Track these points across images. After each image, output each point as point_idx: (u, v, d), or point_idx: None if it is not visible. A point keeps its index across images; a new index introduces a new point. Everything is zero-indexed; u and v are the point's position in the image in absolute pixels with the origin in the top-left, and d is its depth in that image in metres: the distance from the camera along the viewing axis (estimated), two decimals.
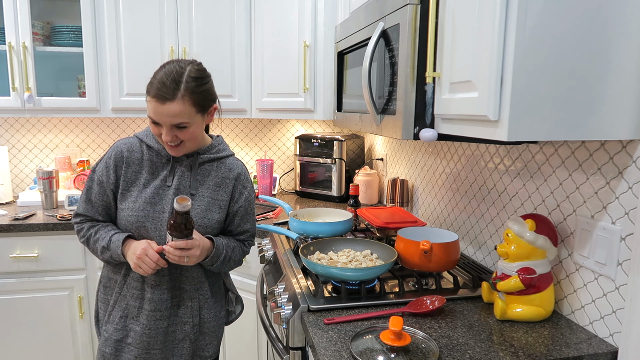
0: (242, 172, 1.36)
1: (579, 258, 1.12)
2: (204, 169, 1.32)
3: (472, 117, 0.96)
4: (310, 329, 1.08)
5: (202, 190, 1.30)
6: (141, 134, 1.32)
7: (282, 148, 2.85)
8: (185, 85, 1.16)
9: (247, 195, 1.37)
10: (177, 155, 1.25)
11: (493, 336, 1.06)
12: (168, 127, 1.18)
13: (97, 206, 1.29)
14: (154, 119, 1.18)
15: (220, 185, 1.32)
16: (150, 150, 1.29)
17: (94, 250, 1.29)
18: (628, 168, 0.99)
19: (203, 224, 1.28)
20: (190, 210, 1.15)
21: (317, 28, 2.18)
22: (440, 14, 1.08)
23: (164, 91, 1.14)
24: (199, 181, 1.30)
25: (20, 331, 2.11)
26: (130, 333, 1.28)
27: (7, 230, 2.01)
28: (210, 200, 1.30)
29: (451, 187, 1.71)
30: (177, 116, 1.16)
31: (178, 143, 1.22)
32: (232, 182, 1.34)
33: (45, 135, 2.57)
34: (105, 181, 1.26)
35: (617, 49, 0.88)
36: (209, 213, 1.29)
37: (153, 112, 1.17)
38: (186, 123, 1.18)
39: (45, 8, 2.46)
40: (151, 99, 1.16)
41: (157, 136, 1.23)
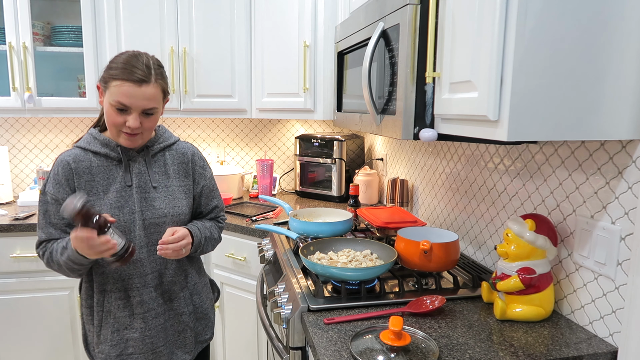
0: (194, 152, 1.38)
1: (578, 258, 1.12)
2: (157, 160, 1.31)
3: (472, 117, 0.96)
4: (310, 329, 1.08)
5: (164, 181, 1.30)
6: (82, 143, 1.25)
7: (282, 148, 2.85)
8: (155, 70, 1.18)
9: (207, 174, 1.39)
10: (132, 146, 1.22)
11: (493, 336, 1.06)
12: (139, 112, 1.17)
13: (59, 227, 1.22)
14: (125, 104, 1.14)
15: (178, 171, 1.33)
16: (98, 155, 1.24)
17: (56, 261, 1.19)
18: (628, 168, 0.99)
19: (175, 213, 1.29)
20: (80, 205, 1.04)
21: (317, 28, 2.18)
22: (440, 14, 1.08)
23: (140, 74, 1.14)
24: (158, 173, 1.29)
25: (21, 331, 2.11)
26: (128, 343, 1.25)
27: (7, 230, 2.02)
28: (174, 189, 1.31)
29: (451, 187, 1.71)
30: (151, 100, 1.17)
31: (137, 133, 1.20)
32: (190, 165, 1.35)
33: (45, 135, 2.57)
34: (61, 198, 1.20)
35: (616, 49, 0.88)
36: (177, 201, 1.30)
37: (126, 96, 1.14)
38: (155, 109, 1.20)
39: (46, 8, 2.46)
40: (123, 82, 1.14)
41: (115, 126, 1.18)
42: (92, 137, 1.26)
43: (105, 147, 1.25)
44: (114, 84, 1.15)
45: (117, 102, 1.15)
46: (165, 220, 1.28)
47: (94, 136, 1.26)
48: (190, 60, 2.32)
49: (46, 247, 1.23)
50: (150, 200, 1.27)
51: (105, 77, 1.18)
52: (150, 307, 1.27)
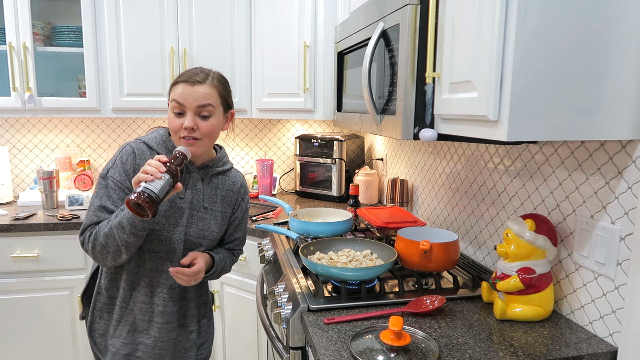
0: (242, 183, 1.40)
1: (578, 258, 1.12)
2: (212, 182, 1.32)
3: (471, 117, 0.96)
4: (310, 329, 1.08)
5: (211, 204, 1.31)
6: (149, 140, 1.26)
7: (282, 148, 2.85)
8: (213, 75, 1.23)
9: (244, 206, 1.40)
10: (194, 152, 1.20)
11: (493, 336, 1.06)
12: (193, 110, 1.18)
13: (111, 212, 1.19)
14: (179, 101, 1.17)
15: (225, 198, 1.34)
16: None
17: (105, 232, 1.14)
18: (627, 168, 0.99)
19: (212, 237, 1.31)
20: (183, 150, 1.15)
21: (317, 28, 2.18)
22: (440, 14, 1.08)
23: (196, 77, 1.19)
24: (210, 195, 1.31)
25: (21, 331, 2.11)
26: (139, 347, 1.27)
27: (7, 230, 2.02)
28: (217, 214, 1.32)
29: (451, 187, 1.71)
30: (204, 97, 1.19)
31: (195, 138, 1.19)
32: (236, 195, 1.37)
33: (45, 135, 2.57)
34: (127, 186, 1.20)
35: (616, 49, 0.88)
36: (217, 226, 1.32)
37: (180, 95, 1.17)
38: (211, 109, 1.20)
39: (46, 8, 2.47)
40: (179, 84, 1.19)
41: (174, 132, 1.19)
42: (161, 138, 1.27)
43: (170, 153, 1.24)
44: (173, 88, 1.20)
45: (173, 103, 1.19)
46: (202, 242, 1.29)
47: (163, 139, 1.26)
48: (190, 61, 2.32)
49: (93, 228, 1.19)
50: (197, 218, 1.27)
51: (170, 88, 1.23)
52: (169, 320, 1.28)
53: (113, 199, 1.20)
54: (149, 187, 1.06)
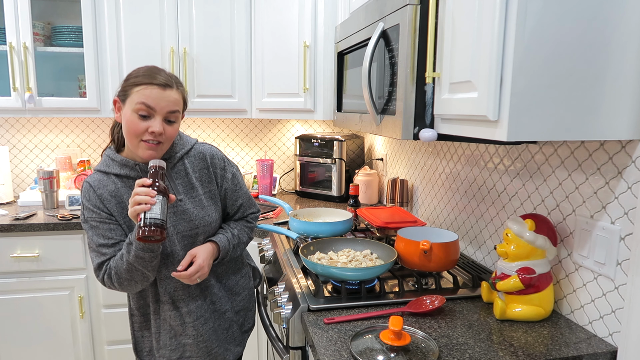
0: (213, 154, 1.33)
1: (578, 258, 1.13)
2: (178, 170, 1.28)
3: (471, 117, 0.96)
4: (310, 329, 1.08)
5: (189, 191, 1.27)
6: (101, 167, 1.24)
7: (282, 148, 2.85)
8: (174, 78, 1.21)
9: (228, 175, 1.35)
10: (152, 157, 1.18)
11: (492, 336, 1.06)
12: (163, 115, 1.16)
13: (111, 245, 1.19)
14: (150, 105, 1.14)
15: (201, 178, 1.30)
16: (120, 178, 1.23)
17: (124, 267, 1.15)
18: (627, 168, 0.99)
19: (206, 223, 1.28)
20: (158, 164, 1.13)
21: (317, 28, 2.18)
22: (440, 14, 1.08)
23: (163, 79, 1.16)
24: (181, 184, 1.27)
25: (21, 331, 2.11)
26: (186, 348, 1.29)
27: (7, 230, 2.02)
28: (201, 198, 1.28)
29: (451, 187, 1.71)
30: (175, 103, 1.18)
31: (158, 142, 1.18)
32: (210, 169, 1.32)
33: (45, 136, 2.57)
34: (105, 217, 1.19)
35: (616, 49, 0.88)
36: (206, 210, 1.28)
37: (151, 98, 1.14)
38: (177, 115, 1.20)
39: (46, 8, 2.47)
40: (147, 86, 1.14)
41: (136, 135, 1.15)
42: (110, 158, 1.24)
43: (124, 167, 1.22)
44: (137, 89, 1.15)
45: (141, 105, 1.14)
46: (198, 232, 1.27)
47: (111, 157, 1.24)
48: (190, 61, 2.32)
49: (107, 266, 1.19)
50: (180, 213, 1.25)
51: (125, 87, 1.17)
52: (199, 315, 1.29)
53: (104, 234, 1.20)
54: (150, 215, 1.07)
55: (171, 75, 1.20)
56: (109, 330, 2.18)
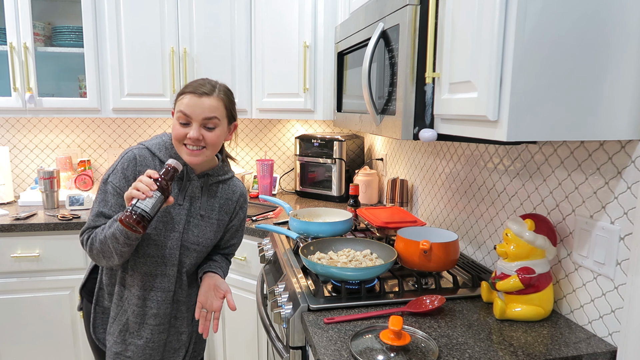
0: (242, 193, 1.41)
1: (578, 258, 1.13)
2: (212, 190, 1.33)
3: (471, 117, 0.96)
4: (310, 329, 1.08)
5: (209, 212, 1.32)
6: (152, 146, 1.27)
7: (282, 148, 2.85)
8: (219, 88, 1.25)
9: (241, 215, 1.42)
10: (194, 162, 1.21)
11: (492, 335, 1.06)
12: (199, 122, 1.19)
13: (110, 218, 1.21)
14: (186, 112, 1.18)
15: (223, 206, 1.36)
16: (163, 165, 1.25)
17: (100, 239, 1.17)
18: (627, 168, 0.99)
19: (207, 245, 1.34)
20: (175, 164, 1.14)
21: (317, 28, 2.18)
22: (439, 14, 1.08)
23: (202, 88, 1.21)
24: (208, 203, 1.32)
25: (21, 330, 2.11)
26: (130, 347, 1.28)
27: (8, 230, 2.02)
28: (214, 222, 1.34)
29: (450, 187, 1.71)
30: (211, 109, 1.21)
31: (200, 148, 1.21)
32: (234, 204, 1.38)
33: (46, 136, 2.58)
34: (122, 189, 1.21)
35: (615, 49, 0.89)
36: (212, 234, 1.34)
37: (187, 106, 1.19)
38: (216, 121, 1.22)
39: (46, 9, 2.47)
40: (187, 95, 1.20)
41: (178, 140, 1.20)
42: (164, 145, 1.27)
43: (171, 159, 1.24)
44: (179, 98, 1.22)
45: (179, 113, 1.20)
46: (197, 249, 1.31)
47: (166, 145, 1.27)
48: (190, 61, 2.32)
49: (91, 232, 1.22)
50: (193, 226, 1.29)
51: (176, 97, 1.24)
52: (161, 322, 1.29)
53: (111, 204, 1.22)
54: (140, 205, 1.09)
55: (217, 85, 1.24)
56: None
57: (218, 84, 1.25)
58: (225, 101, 1.24)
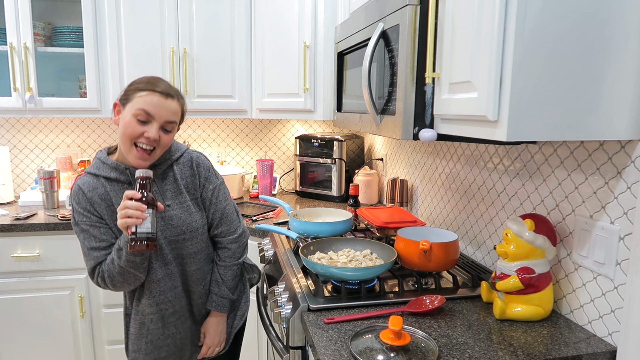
0: (199, 162, 1.33)
1: (577, 258, 1.13)
2: (168, 176, 1.29)
3: (471, 118, 0.96)
4: (310, 329, 1.09)
5: (177, 197, 1.29)
6: (92, 169, 1.26)
7: (282, 148, 2.85)
8: (176, 90, 1.25)
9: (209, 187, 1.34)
10: (142, 165, 1.20)
11: (492, 335, 1.06)
12: (160, 123, 1.19)
13: (102, 248, 1.22)
14: (150, 112, 1.16)
15: (188, 185, 1.31)
16: (110, 181, 1.24)
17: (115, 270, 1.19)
18: (627, 168, 0.99)
19: (192, 229, 1.30)
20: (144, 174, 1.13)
21: (317, 28, 2.18)
22: (439, 14, 1.08)
23: (164, 88, 1.20)
24: (170, 190, 1.29)
25: (22, 330, 2.11)
26: (162, 350, 1.32)
27: (8, 230, 2.02)
28: (188, 204, 1.30)
29: (450, 187, 1.72)
30: (174, 113, 1.22)
31: (151, 149, 1.20)
32: (196, 177, 1.33)
33: (46, 136, 2.58)
34: (95, 221, 1.22)
35: (615, 49, 0.89)
36: (192, 216, 1.30)
37: (152, 105, 1.17)
38: (174, 125, 1.23)
39: (47, 9, 2.47)
40: (150, 92, 1.17)
41: (131, 138, 1.17)
42: (100, 161, 1.26)
43: (114, 170, 1.24)
44: (138, 94, 1.18)
45: (141, 111, 1.17)
46: (185, 237, 1.29)
47: (102, 160, 1.26)
48: (190, 61, 2.32)
49: (100, 269, 1.23)
50: (167, 218, 1.27)
51: (127, 91, 1.21)
52: (181, 314, 1.33)
53: (95, 236, 1.23)
54: (142, 230, 1.10)
55: (172, 86, 1.25)
56: (109, 330, 2.19)
57: (171, 85, 1.24)
58: (181, 107, 1.26)
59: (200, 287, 1.36)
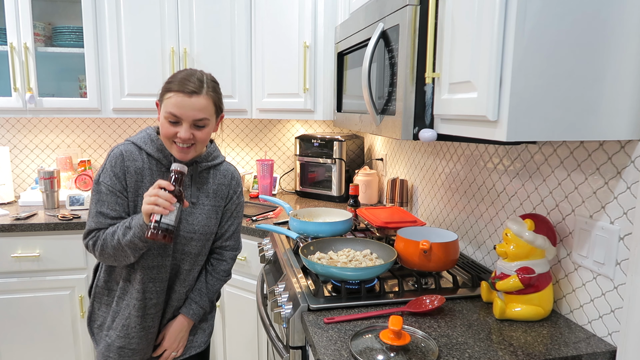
0: (233, 176, 1.39)
1: (577, 258, 1.13)
2: (202, 177, 1.33)
3: (471, 118, 0.97)
4: (310, 328, 1.09)
5: (202, 199, 1.32)
6: (138, 140, 1.27)
7: (282, 148, 2.85)
8: (207, 83, 1.22)
9: (236, 200, 1.40)
10: (184, 158, 1.23)
11: (492, 335, 1.06)
12: (189, 123, 1.19)
13: (110, 216, 1.22)
14: (176, 114, 1.17)
15: (217, 191, 1.35)
16: (150, 158, 1.26)
17: (114, 244, 1.18)
18: (626, 168, 1.00)
19: (204, 232, 1.32)
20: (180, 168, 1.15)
21: (317, 29, 2.18)
22: (439, 14, 1.08)
23: (192, 86, 1.18)
24: (200, 190, 1.32)
25: (22, 330, 2.12)
26: (133, 340, 1.29)
27: (8, 230, 2.02)
28: (210, 208, 1.33)
29: (450, 187, 1.72)
30: (201, 110, 1.19)
31: (190, 145, 1.21)
32: (227, 189, 1.37)
33: (46, 136, 2.58)
34: (118, 189, 1.23)
35: (615, 49, 0.89)
36: (209, 221, 1.33)
37: (177, 107, 1.17)
38: (206, 120, 1.21)
39: (47, 9, 2.47)
40: (176, 94, 1.17)
41: (167, 138, 1.20)
42: (149, 138, 1.27)
43: (160, 152, 1.26)
44: (167, 96, 1.19)
45: (168, 114, 1.18)
46: (194, 237, 1.30)
47: (151, 138, 1.26)
48: (190, 61, 2.32)
49: (97, 235, 1.22)
50: (186, 214, 1.29)
51: (162, 91, 1.22)
52: (160, 309, 1.32)
53: (107, 202, 1.23)
54: (165, 221, 1.12)
55: (204, 79, 1.21)
56: None
57: (204, 77, 1.22)
58: (214, 98, 1.23)
59: (182, 289, 1.35)
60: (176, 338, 1.36)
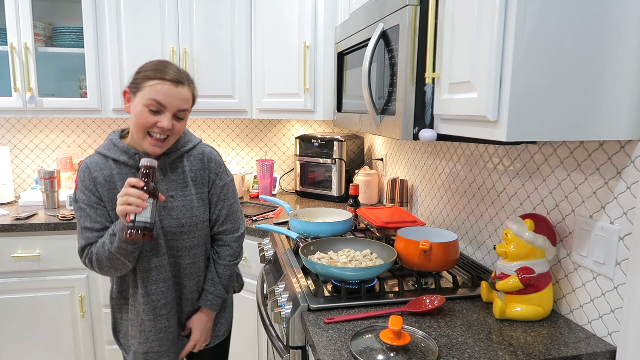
0: (211, 157, 1.33)
1: (577, 258, 1.13)
2: (176, 167, 1.29)
3: (471, 118, 0.97)
4: (310, 328, 1.09)
5: (182, 190, 1.28)
6: (102, 149, 1.26)
7: (282, 148, 2.85)
8: (186, 75, 1.22)
9: (219, 183, 1.34)
10: (157, 152, 1.21)
11: (492, 335, 1.06)
12: (172, 112, 1.18)
13: (96, 229, 1.22)
14: (162, 102, 1.15)
15: (196, 178, 1.31)
16: (117, 163, 1.24)
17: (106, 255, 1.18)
18: (626, 168, 1.00)
19: (192, 223, 1.29)
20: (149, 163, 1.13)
21: (317, 29, 2.19)
22: (439, 14, 1.08)
23: (174, 75, 1.18)
24: (176, 181, 1.28)
25: (22, 330, 2.12)
26: (154, 343, 1.30)
27: (8, 230, 2.02)
28: (192, 197, 1.30)
29: (450, 187, 1.72)
30: (185, 101, 1.20)
31: (165, 138, 1.20)
32: (207, 172, 1.32)
33: (46, 136, 2.58)
34: (94, 201, 1.22)
35: (615, 49, 0.89)
36: (194, 210, 1.30)
37: (163, 94, 1.15)
38: (187, 112, 1.22)
39: (47, 9, 2.47)
40: (161, 82, 1.15)
41: (144, 128, 1.17)
42: (112, 143, 1.26)
43: (124, 154, 1.24)
44: (149, 83, 1.16)
45: (152, 101, 1.15)
46: (183, 230, 1.29)
47: (114, 142, 1.25)
48: (190, 61, 2.32)
49: (90, 251, 1.23)
50: (168, 209, 1.26)
51: (137, 79, 1.19)
52: (172, 307, 1.32)
53: (90, 217, 1.23)
54: (140, 219, 1.10)
55: (181, 70, 1.21)
56: (109, 330, 2.19)
57: (180, 70, 1.21)
58: (193, 90, 1.24)
59: (192, 282, 1.34)
60: (202, 331, 1.37)
